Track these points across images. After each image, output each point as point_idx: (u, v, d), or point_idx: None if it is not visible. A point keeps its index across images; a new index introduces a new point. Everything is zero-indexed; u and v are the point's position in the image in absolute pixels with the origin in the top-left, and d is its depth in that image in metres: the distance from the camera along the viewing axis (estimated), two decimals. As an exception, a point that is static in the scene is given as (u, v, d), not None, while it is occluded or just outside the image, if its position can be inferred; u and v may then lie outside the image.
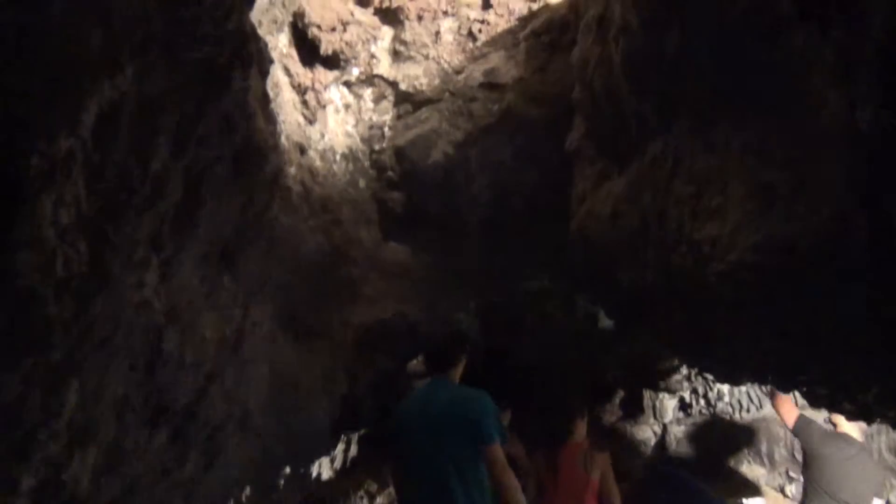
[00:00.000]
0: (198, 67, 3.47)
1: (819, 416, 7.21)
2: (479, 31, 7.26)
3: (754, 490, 9.48)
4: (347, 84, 7.41)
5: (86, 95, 2.47)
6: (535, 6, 7.17)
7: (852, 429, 6.89)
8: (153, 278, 3.43)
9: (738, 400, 10.01)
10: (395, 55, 7.44)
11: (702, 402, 10.40)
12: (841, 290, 3.26)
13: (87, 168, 2.55)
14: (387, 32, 7.47)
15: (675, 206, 4.24)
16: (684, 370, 10.06)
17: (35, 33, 2.16)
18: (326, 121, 7.23)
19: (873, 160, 2.68)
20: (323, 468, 8.42)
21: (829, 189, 3.05)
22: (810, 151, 3.09)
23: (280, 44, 6.81)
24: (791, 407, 7.10)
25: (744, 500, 8.80)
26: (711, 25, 3.41)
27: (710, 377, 9.46)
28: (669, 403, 10.75)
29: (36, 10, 2.15)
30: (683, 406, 10.69)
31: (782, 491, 9.52)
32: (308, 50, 7.12)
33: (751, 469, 9.79)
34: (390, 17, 7.43)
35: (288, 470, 7.04)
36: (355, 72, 7.37)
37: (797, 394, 6.42)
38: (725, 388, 10.01)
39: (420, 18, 7.35)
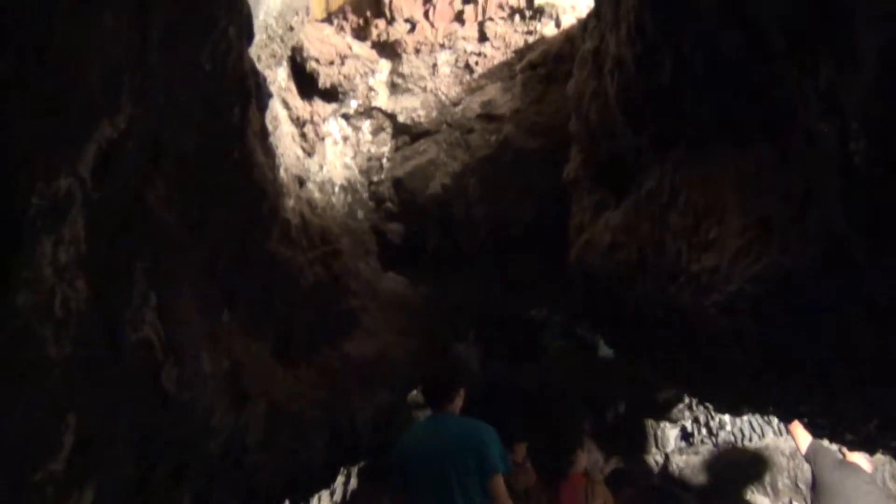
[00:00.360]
0: (197, 104, 3.50)
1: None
2: (476, 63, 7.34)
3: (758, 520, 9.40)
4: (346, 116, 7.47)
5: (85, 135, 2.49)
6: (530, 39, 7.25)
7: (860, 458, 6.85)
8: (152, 315, 3.42)
9: (740, 429, 9.95)
10: (393, 87, 7.52)
11: (704, 431, 10.34)
12: (840, 321, 3.26)
13: (87, 207, 2.55)
14: (385, 65, 7.56)
15: (673, 238, 4.25)
16: (686, 399, 10.02)
17: (34, 73, 2.18)
18: (325, 153, 7.28)
19: (869, 192, 2.69)
20: (322, 501, 8.34)
21: (828, 220, 3.05)
22: (807, 183, 3.10)
23: (279, 77, 6.88)
24: (804, 432, 7.05)
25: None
26: (705, 60, 3.44)
27: (711, 406, 9.41)
28: (671, 433, 10.69)
29: (35, 49, 2.17)
30: (685, 435, 10.63)
31: (786, 520, 9.44)
32: (307, 83, 7.20)
33: (754, 498, 9.71)
34: (388, 50, 7.52)
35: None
36: (353, 104, 7.44)
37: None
38: (727, 417, 9.96)
39: (417, 51, 7.44)
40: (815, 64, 2.70)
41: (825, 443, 7.12)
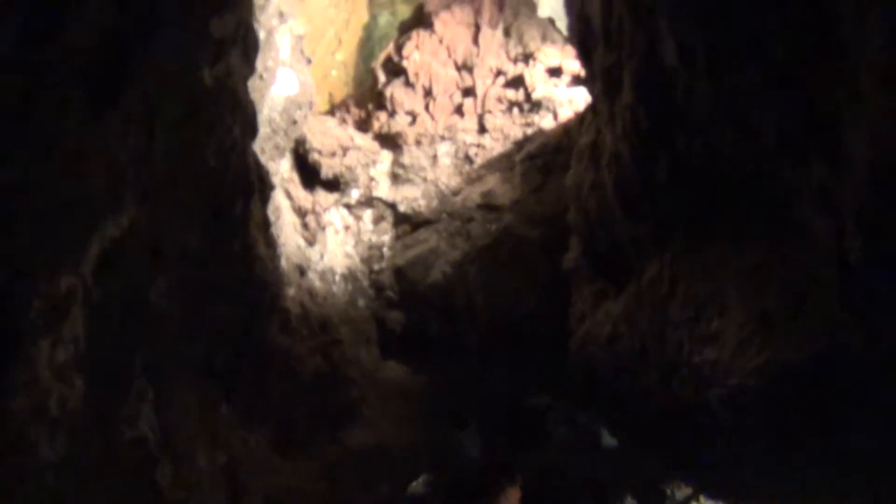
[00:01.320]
0: (200, 199, 3.56)
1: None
2: (476, 154, 7.49)
3: None
4: (347, 206, 7.57)
5: (89, 234, 2.52)
6: (529, 131, 7.42)
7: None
8: (149, 411, 3.38)
9: (750, 522, 9.67)
10: (394, 178, 7.65)
11: (713, 523, 10.04)
12: (842, 412, 3.22)
13: (88, 305, 2.56)
14: (386, 156, 7.71)
15: (674, 329, 4.24)
16: (690, 490, 9.76)
17: (41, 176, 2.22)
18: (326, 242, 7.34)
19: (866, 288, 2.70)
20: None
21: (828, 314, 3.06)
22: (805, 277, 3.11)
23: (282, 169, 7.00)
24: None
25: None
26: (699, 155, 3.51)
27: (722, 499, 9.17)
28: (679, 525, 10.37)
29: (43, 153, 2.22)
30: (694, 528, 10.31)
31: None
32: (309, 174, 7.32)
33: None
34: (389, 141, 7.68)
35: None
36: (355, 194, 7.56)
37: None
38: (737, 509, 9.68)
39: (418, 143, 7.60)
40: (807, 163, 2.75)
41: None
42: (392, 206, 7.56)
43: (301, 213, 7.13)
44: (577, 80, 7.59)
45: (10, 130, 1.92)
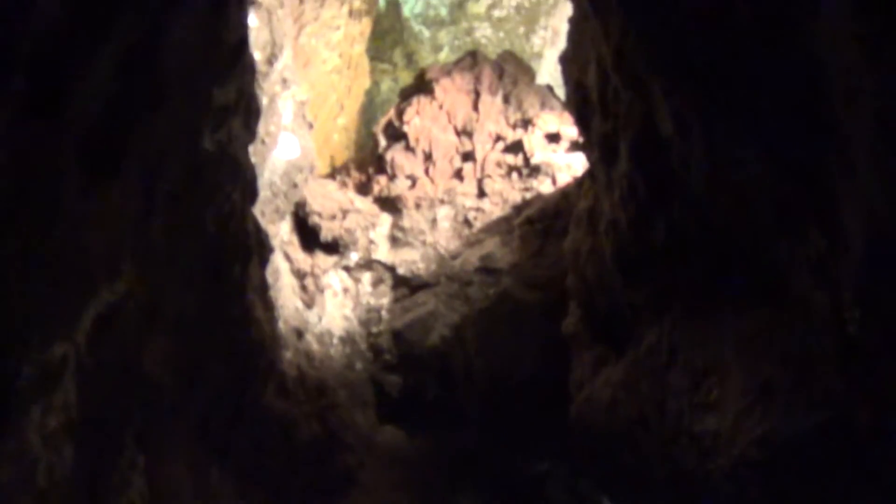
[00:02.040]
0: (198, 264, 3.56)
1: None
2: (475, 218, 7.53)
3: None
4: (346, 268, 7.59)
5: (84, 302, 2.51)
6: (528, 195, 7.48)
7: None
8: (139, 479, 3.32)
9: None
10: (394, 241, 7.68)
11: None
12: (845, 483, 3.16)
13: (80, 373, 2.54)
14: (385, 219, 7.76)
15: (674, 398, 4.19)
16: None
17: (39, 246, 2.23)
18: (324, 304, 7.33)
19: (866, 359, 2.68)
20: None
21: (829, 385, 3.03)
22: (805, 347, 3.10)
23: (281, 231, 7.03)
24: None
25: None
26: (697, 224, 3.53)
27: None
28: None
29: (42, 224, 2.23)
30: None
31: None
32: (309, 236, 7.36)
33: None
34: (389, 205, 7.74)
35: None
36: (354, 257, 7.58)
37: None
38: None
39: (418, 206, 7.65)
40: (804, 236, 2.77)
41: None
42: (391, 268, 7.58)
43: (300, 275, 7.14)
44: (575, 146, 7.68)
45: (8, 201, 1.93)
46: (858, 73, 2.16)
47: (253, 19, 5.53)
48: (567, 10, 7.43)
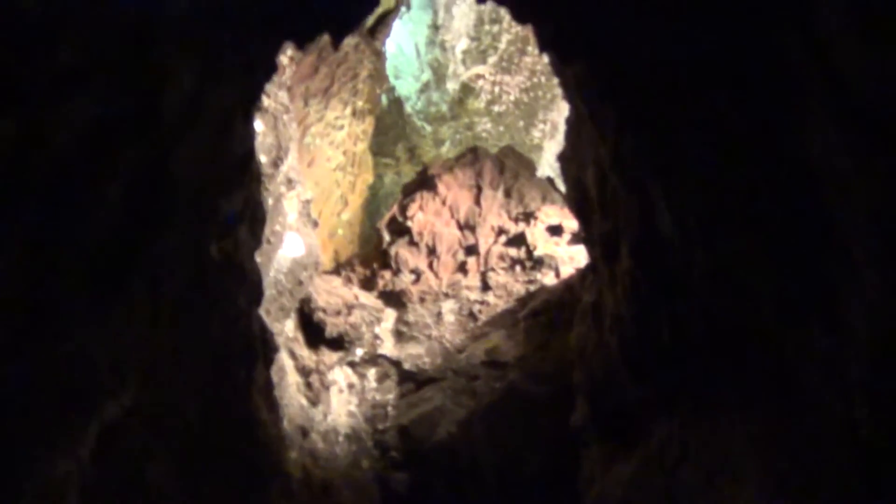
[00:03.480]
0: (204, 370, 3.56)
1: None
2: (480, 311, 7.54)
3: None
4: (351, 364, 7.55)
5: (89, 417, 2.50)
6: (532, 287, 7.50)
7: None
8: None
9: None
10: (399, 336, 7.66)
11: None
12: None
13: (84, 489, 2.51)
14: (390, 314, 7.77)
15: (687, 494, 4.10)
16: None
17: (43, 364, 2.24)
18: (330, 401, 7.26)
19: (880, 460, 2.64)
20: None
21: (844, 483, 2.97)
22: (818, 446, 3.05)
23: (286, 329, 7.03)
24: None
25: None
26: (702, 321, 3.53)
27: None
28: None
29: (48, 347, 2.25)
30: None
31: None
32: (314, 332, 7.35)
33: None
34: (394, 299, 7.77)
35: None
36: (359, 352, 7.55)
37: None
38: None
39: (422, 300, 7.67)
40: (809, 332, 2.77)
41: None
42: (397, 363, 7.54)
43: (305, 372, 7.10)
44: (576, 238, 7.77)
45: (18, 323, 1.95)
46: (850, 178, 2.21)
47: (258, 124, 5.70)
48: (564, 105, 7.64)
